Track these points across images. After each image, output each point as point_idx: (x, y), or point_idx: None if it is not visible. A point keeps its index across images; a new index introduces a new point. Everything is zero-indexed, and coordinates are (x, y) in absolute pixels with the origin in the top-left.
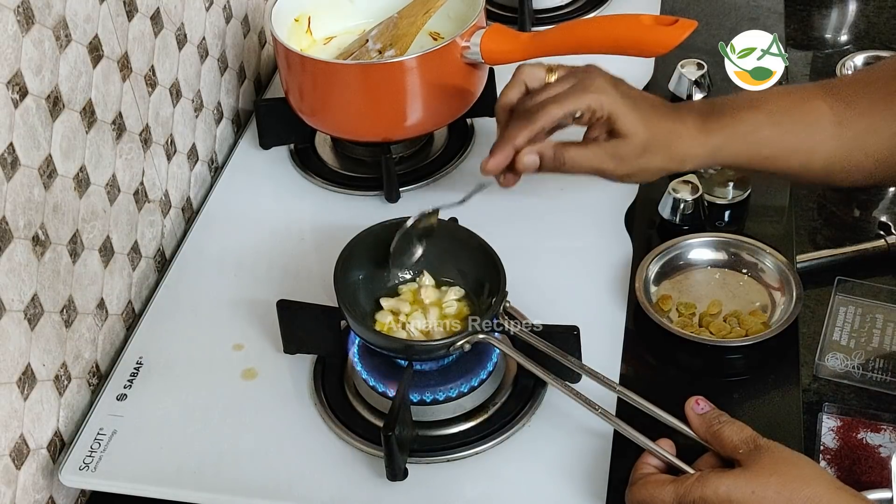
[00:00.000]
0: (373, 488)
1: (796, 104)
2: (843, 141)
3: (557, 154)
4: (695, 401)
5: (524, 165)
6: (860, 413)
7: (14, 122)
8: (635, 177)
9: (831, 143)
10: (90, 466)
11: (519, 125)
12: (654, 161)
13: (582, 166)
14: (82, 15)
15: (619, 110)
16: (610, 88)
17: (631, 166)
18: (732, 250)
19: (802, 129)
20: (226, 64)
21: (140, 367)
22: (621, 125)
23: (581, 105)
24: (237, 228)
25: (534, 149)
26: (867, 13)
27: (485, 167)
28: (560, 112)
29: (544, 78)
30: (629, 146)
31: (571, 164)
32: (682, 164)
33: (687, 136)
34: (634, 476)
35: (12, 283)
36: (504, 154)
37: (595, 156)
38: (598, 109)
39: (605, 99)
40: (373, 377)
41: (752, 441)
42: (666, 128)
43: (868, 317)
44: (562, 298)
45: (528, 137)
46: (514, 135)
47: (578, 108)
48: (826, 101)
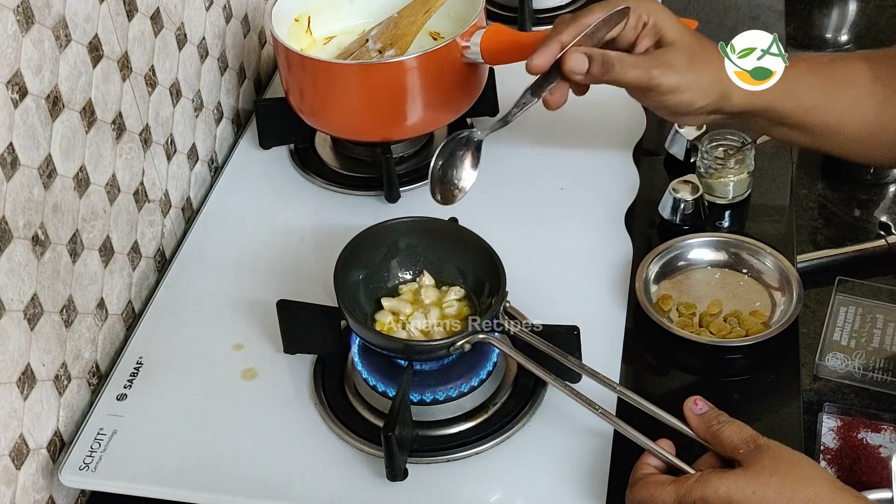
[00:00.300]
0: (373, 488)
1: (836, 60)
2: (881, 99)
3: (606, 57)
4: (693, 401)
5: (572, 65)
6: (860, 413)
7: (14, 122)
8: (684, 93)
9: (869, 100)
10: (90, 466)
11: (565, 22)
12: (705, 74)
13: (629, 72)
14: (82, 15)
15: (664, 17)
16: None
17: (680, 76)
18: (732, 250)
19: (842, 80)
20: (226, 64)
21: (140, 367)
22: (668, 32)
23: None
24: (237, 228)
25: (581, 49)
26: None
27: (530, 64)
28: (605, 9)
29: None
30: (677, 53)
31: (620, 69)
32: (726, 97)
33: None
34: (634, 476)
35: (12, 283)
36: (551, 49)
37: (644, 61)
38: (644, 13)
39: (651, 5)
40: (373, 377)
41: (752, 441)
42: (711, 47)
43: (868, 317)
44: (562, 298)
45: (575, 34)
46: (560, 30)
47: (623, 5)
48: (865, 62)
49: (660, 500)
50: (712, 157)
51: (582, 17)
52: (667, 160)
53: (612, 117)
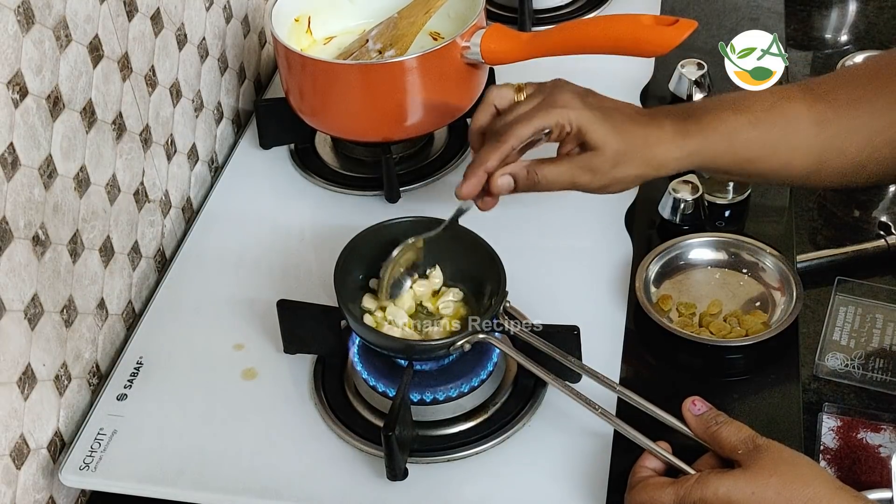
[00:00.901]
0: (373, 488)
1: (775, 105)
2: (823, 140)
3: (531, 173)
4: (691, 402)
5: (498, 188)
6: (860, 413)
7: (14, 122)
8: (612, 187)
9: (811, 142)
10: (90, 466)
11: (489, 148)
12: (629, 169)
13: (556, 182)
14: (82, 15)
15: (587, 123)
16: (577, 102)
17: (606, 178)
18: (732, 250)
19: (782, 129)
20: (226, 64)
21: (140, 367)
22: (591, 137)
23: (549, 122)
24: (237, 228)
25: (506, 170)
26: (867, 13)
27: (459, 193)
28: (528, 131)
29: (513, 98)
30: (602, 158)
31: (546, 182)
32: (659, 169)
33: (664, 140)
34: (633, 480)
35: (12, 283)
36: (477, 178)
37: (568, 170)
38: (567, 124)
39: (573, 114)
40: (373, 377)
41: (751, 441)
42: (640, 135)
43: (868, 317)
44: (562, 298)
45: (500, 159)
46: (486, 158)
47: (546, 124)
48: (805, 102)
49: (659, 502)
50: None
51: (505, 141)
52: None
53: None
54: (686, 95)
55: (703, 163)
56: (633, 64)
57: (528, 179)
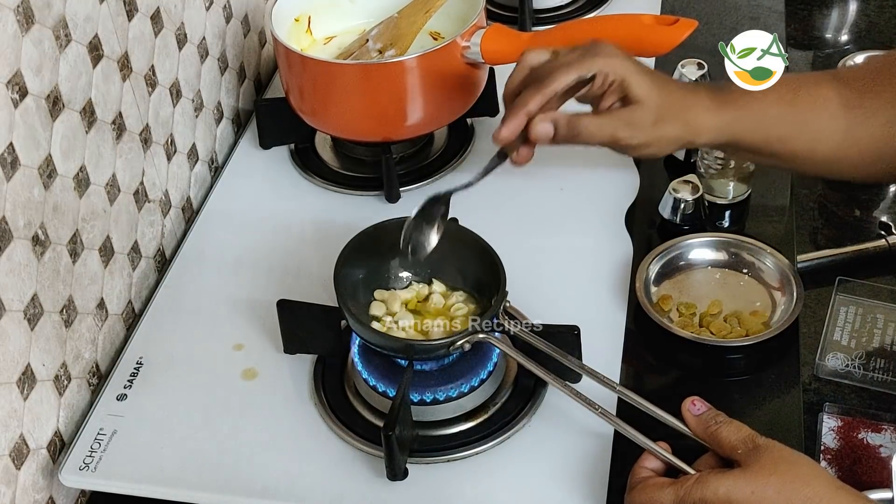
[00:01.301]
0: (373, 488)
1: (804, 86)
2: (847, 123)
3: (572, 123)
4: (691, 402)
5: (538, 134)
6: (861, 413)
7: (14, 122)
8: (651, 147)
9: (836, 125)
10: (90, 466)
11: (530, 90)
12: (670, 129)
13: (596, 135)
14: (82, 15)
15: (631, 75)
16: (620, 53)
17: (646, 134)
18: (733, 250)
19: (810, 108)
20: (226, 64)
21: (140, 367)
22: (635, 90)
23: (593, 68)
24: (237, 228)
25: (547, 117)
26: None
27: (497, 136)
28: (572, 75)
29: (549, 58)
30: (643, 112)
31: (586, 133)
32: (696, 135)
33: (700, 107)
34: (632, 480)
35: (12, 283)
36: (517, 121)
37: (609, 123)
38: (611, 73)
39: (617, 63)
40: (373, 377)
41: (751, 440)
42: (679, 95)
43: (869, 317)
44: (562, 298)
45: (541, 103)
46: (527, 100)
47: (590, 71)
48: (833, 87)
49: (658, 502)
50: (712, 157)
51: (547, 85)
52: (667, 160)
53: None
54: None
55: (734, 137)
56: None
57: (568, 128)
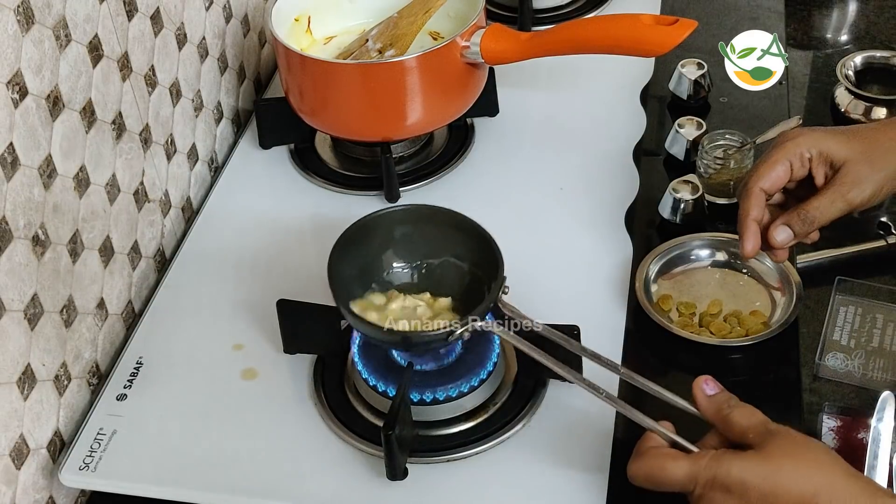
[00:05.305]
0: (373, 488)
1: None
2: None
3: (803, 215)
4: (704, 381)
5: (778, 241)
6: (860, 413)
7: (14, 122)
8: (884, 188)
9: None
10: (90, 466)
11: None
12: (884, 163)
13: (830, 210)
14: (82, 15)
15: (822, 141)
16: (805, 130)
17: (872, 182)
18: (732, 250)
19: None
20: (226, 64)
21: (140, 367)
22: (836, 152)
23: (785, 155)
24: (237, 228)
25: (780, 221)
26: (867, 13)
27: (744, 253)
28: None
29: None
30: (857, 165)
31: (820, 214)
32: None
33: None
34: (641, 447)
35: (12, 283)
36: (754, 232)
37: (837, 194)
38: (804, 150)
39: (802, 139)
40: (373, 377)
41: (763, 425)
42: (864, 133)
43: (868, 317)
44: (562, 298)
45: (762, 207)
46: (748, 208)
47: (783, 157)
48: None
49: (670, 473)
50: (712, 157)
51: (755, 185)
52: (667, 160)
53: (612, 117)
54: (686, 95)
55: None
56: (633, 64)
57: (802, 223)
